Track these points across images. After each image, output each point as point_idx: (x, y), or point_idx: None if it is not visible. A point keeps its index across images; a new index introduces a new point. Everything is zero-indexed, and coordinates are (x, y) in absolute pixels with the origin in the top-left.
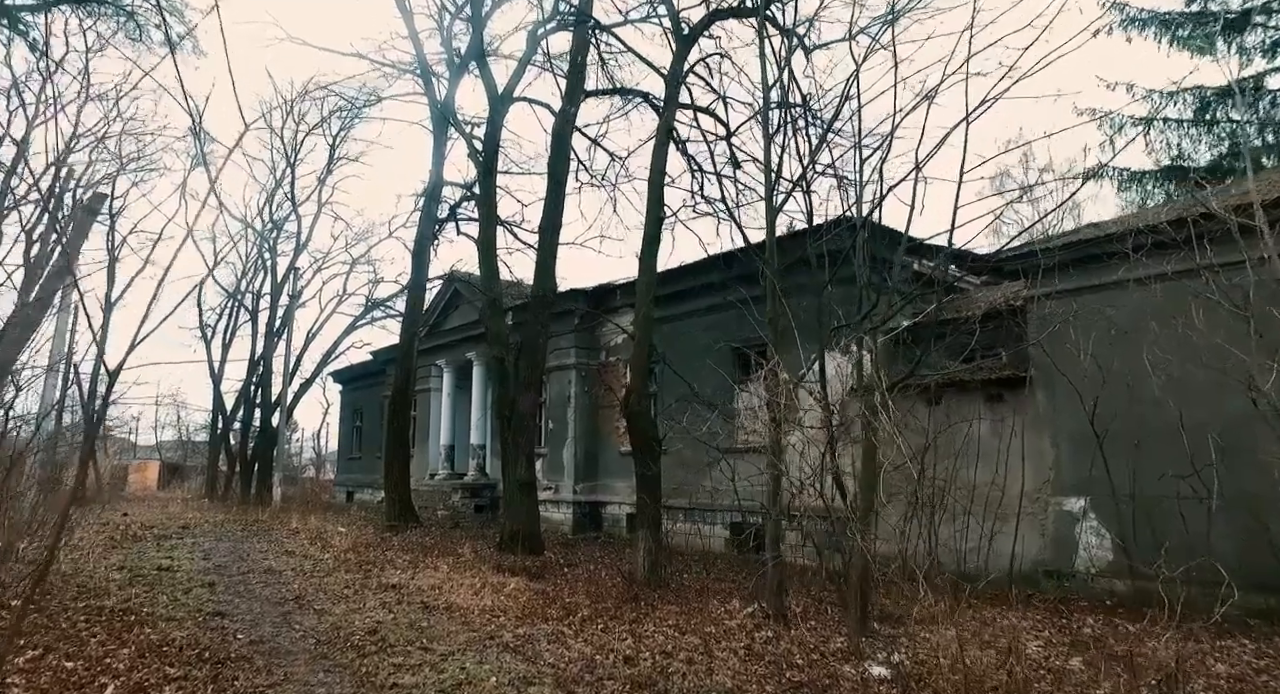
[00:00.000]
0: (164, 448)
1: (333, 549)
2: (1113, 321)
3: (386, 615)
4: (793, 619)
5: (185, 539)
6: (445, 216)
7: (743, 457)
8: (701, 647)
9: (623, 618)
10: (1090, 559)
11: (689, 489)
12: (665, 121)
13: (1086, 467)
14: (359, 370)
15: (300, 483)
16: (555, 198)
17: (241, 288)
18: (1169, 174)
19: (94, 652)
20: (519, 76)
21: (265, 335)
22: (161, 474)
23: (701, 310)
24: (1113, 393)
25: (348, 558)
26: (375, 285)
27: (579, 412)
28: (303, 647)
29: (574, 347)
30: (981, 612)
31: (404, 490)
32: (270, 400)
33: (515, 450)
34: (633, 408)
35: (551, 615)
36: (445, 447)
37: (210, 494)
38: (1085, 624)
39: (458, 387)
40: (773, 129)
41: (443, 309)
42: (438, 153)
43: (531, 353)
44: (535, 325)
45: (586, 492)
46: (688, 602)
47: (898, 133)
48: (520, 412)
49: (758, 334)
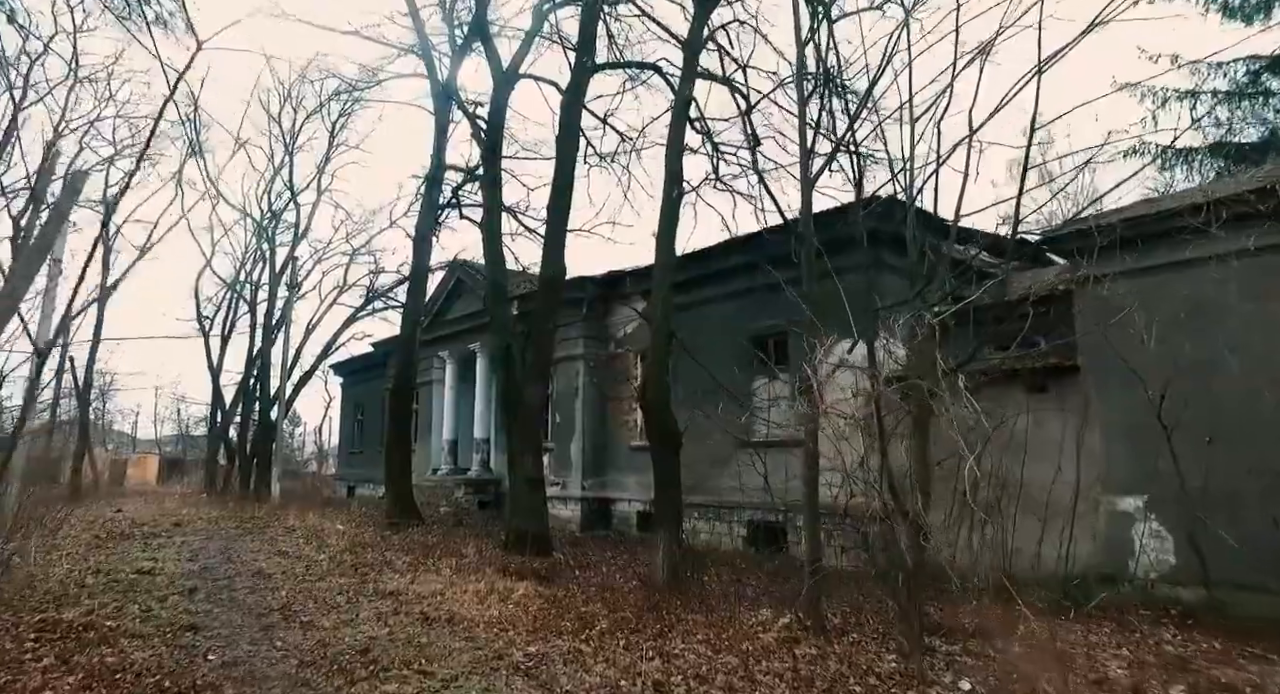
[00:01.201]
0: (165, 442)
1: (329, 549)
2: (1185, 302)
3: (381, 629)
4: (832, 632)
5: (175, 538)
6: (448, 200)
7: (764, 451)
8: (740, 669)
9: (645, 631)
10: (1151, 564)
11: (704, 485)
12: (683, 91)
13: (1145, 462)
14: (360, 363)
15: (303, 478)
16: (564, 176)
17: (240, 279)
18: (1216, 151)
19: (32, 682)
20: (524, 52)
21: (264, 327)
22: (161, 469)
23: (719, 298)
24: (1181, 381)
25: (344, 559)
26: (376, 276)
27: (587, 404)
28: (282, 670)
29: (582, 337)
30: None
31: (405, 487)
32: (269, 394)
33: (522, 444)
34: (650, 398)
35: (566, 628)
36: (448, 441)
37: (209, 489)
38: (1161, 639)
39: (461, 379)
40: (808, 90)
41: (446, 298)
42: (439, 135)
43: (539, 341)
44: (544, 311)
45: (595, 488)
46: (713, 610)
47: (940, 100)
48: (527, 403)
49: (778, 322)
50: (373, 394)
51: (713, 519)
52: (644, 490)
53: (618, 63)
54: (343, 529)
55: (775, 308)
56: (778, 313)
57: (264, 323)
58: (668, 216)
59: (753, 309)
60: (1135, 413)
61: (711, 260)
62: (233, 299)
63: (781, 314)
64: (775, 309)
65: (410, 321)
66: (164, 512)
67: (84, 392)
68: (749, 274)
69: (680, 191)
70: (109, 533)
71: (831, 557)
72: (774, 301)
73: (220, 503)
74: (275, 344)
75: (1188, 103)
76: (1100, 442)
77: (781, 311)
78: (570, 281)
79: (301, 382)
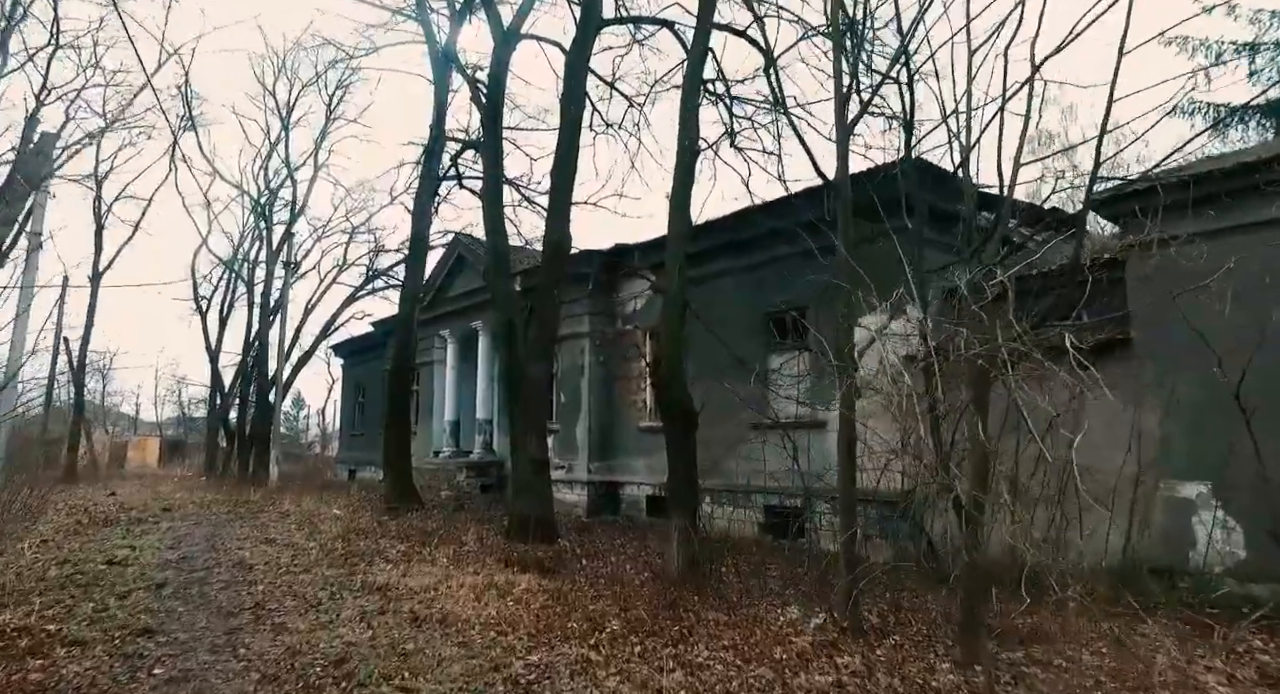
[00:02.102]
0: (167, 424)
1: (320, 536)
2: (1266, 267)
3: (363, 633)
4: (870, 634)
5: (162, 523)
6: (447, 170)
7: (783, 433)
8: (776, 683)
9: (663, 634)
10: (1218, 557)
11: (718, 468)
12: (699, 42)
13: (1210, 446)
14: (360, 343)
15: (305, 461)
16: (569, 138)
17: (238, 258)
18: (1275, 109)
19: None
20: (527, 10)
21: (262, 307)
22: (162, 451)
23: (733, 271)
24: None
25: (334, 547)
26: (377, 254)
27: (594, 384)
28: (239, 688)
29: (588, 313)
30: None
31: (404, 470)
32: (267, 375)
33: (525, 424)
34: (664, 375)
35: (573, 631)
36: (450, 423)
37: (209, 472)
38: (1251, 646)
39: (462, 358)
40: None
41: (446, 275)
42: (439, 102)
43: (544, 313)
44: (548, 280)
45: (602, 471)
46: (736, 608)
47: (1002, 29)
48: (531, 379)
49: (797, 296)
50: (374, 375)
51: (727, 504)
52: (654, 473)
53: (626, 18)
54: (338, 514)
55: (795, 281)
56: (797, 287)
57: (261, 302)
58: (682, 177)
59: (770, 283)
60: (1198, 390)
61: (725, 231)
62: (231, 279)
63: (801, 288)
64: (795, 282)
65: (409, 298)
66: (158, 495)
67: (78, 372)
68: (767, 245)
69: (695, 150)
70: (93, 518)
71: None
72: (793, 275)
73: (218, 486)
74: (273, 325)
75: (1246, 56)
76: (1156, 422)
77: (801, 285)
78: (575, 256)
79: (300, 362)
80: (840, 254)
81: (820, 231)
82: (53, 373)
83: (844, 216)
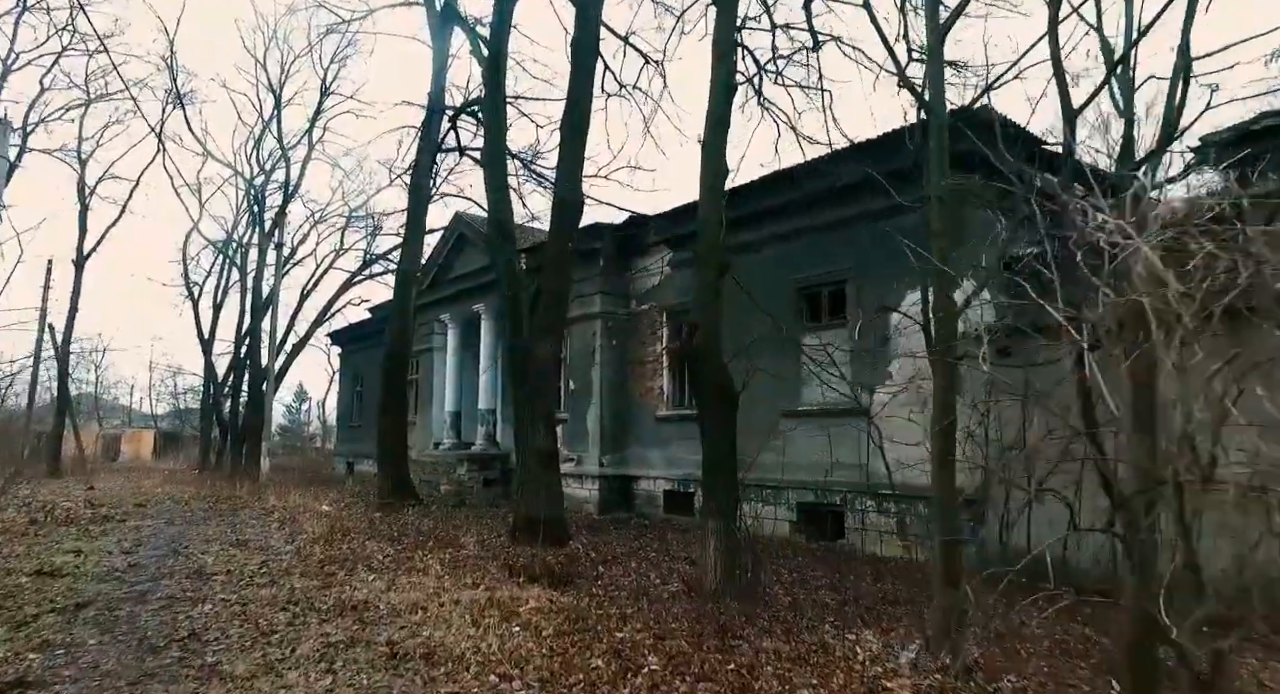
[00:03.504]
0: (163, 417)
1: (303, 536)
2: None
3: (319, 679)
4: (976, 673)
5: (129, 521)
6: (445, 134)
7: (820, 420)
8: None
9: (716, 676)
10: None
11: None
12: None
13: None
14: (358, 330)
15: (306, 453)
16: (581, 87)
17: (231, 241)
18: None
19: None
20: None
21: (254, 291)
22: (157, 444)
23: (761, 243)
24: None
25: (312, 551)
26: (374, 235)
27: (605, 369)
28: None
29: (599, 293)
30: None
31: (400, 463)
32: (260, 364)
33: (532, 413)
34: (701, 349)
35: (599, 674)
36: (450, 413)
37: (202, 465)
38: None
39: (464, 344)
40: None
41: (446, 256)
42: (437, 66)
43: (553, 285)
44: (558, 247)
45: (615, 464)
46: (794, 632)
47: None
48: (539, 359)
49: (833, 269)
50: (372, 363)
51: (755, 500)
52: (672, 467)
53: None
54: (326, 510)
55: (832, 252)
56: (834, 258)
57: (254, 288)
58: (717, 118)
59: (804, 254)
60: None
61: (753, 197)
62: (224, 264)
63: (839, 259)
64: (832, 254)
65: (406, 278)
66: (139, 490)
67: (62, 359)
68: (801, 212)
69: (733, 85)
70: (53, 516)
71: (895, 548)
72: (830, 245)
73: (208, 480)
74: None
75: None
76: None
77: (839, 256)
78: (585, 230)
79: (295, 351)
80: (932, 192)
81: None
82: (37, 361)
83: (938, 145)
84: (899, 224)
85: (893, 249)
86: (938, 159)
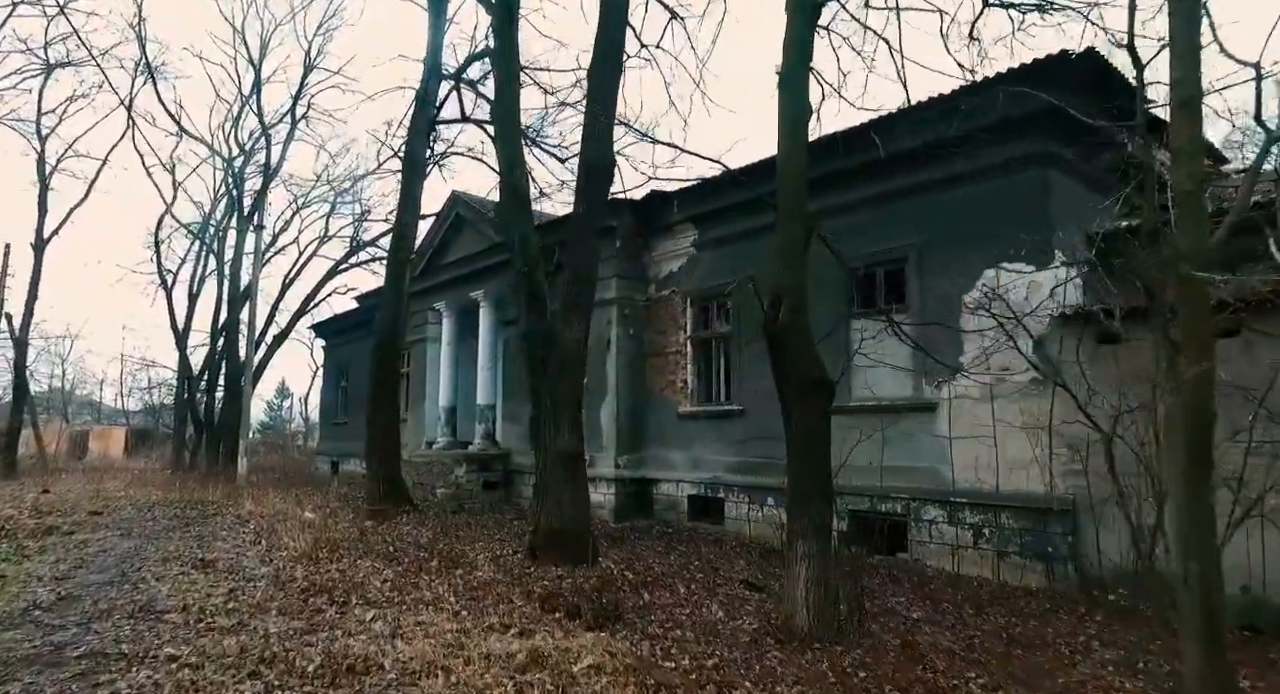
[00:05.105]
0: (135, 413)
1: (282, 554)
2: None
3: None
4: None
5: (77, 534)
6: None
7: (878, 417)
8: None
9: None
10: None
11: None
12: None
13: None
14: (344, 322)
15: (287, 452)
16: (613, 29)
17: (208, 227)
18: None
19: None
20: None
21: (233, 281)
22: (129, 441)
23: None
24: None
25: (294, 574)
26: (361, 223)
27: (622, 361)
28: None
29: (615, 277)
30: None
31: (392, 465)
32: (239, 358)
33: (554, 408)
34: (785, 326)
35: None
36: (445, 409)
37: (176, 465)
38: None
39: (460, 335)
40: None
41: (442, 238)
42: (436, 20)
43: (579, 260)
44: (585, 216)
45: (632, 465)
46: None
47: None
48: (564, 347)
49: (892, 246)
50: (358, 356)
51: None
52: (696, 469)
53: None
54: (310, 517)
55: (892, 227)
56: (895, 234)
57: (232, 275)
58: (797, 45)
59: (858, 230)
60: None
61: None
62: (201, 251)
63: (902, 235)
64: (891, 229)
65: (397, 263)
66: (99, 493)
67: (19, 350)
68: (863, 180)
69: (817, 3)
70: None
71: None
72: (889, 219)
73: (180, 481)
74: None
75: None
76: None
77: (901, 232)
78: None
79: (276, 343)
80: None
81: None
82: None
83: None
84: (971, 193)
85: (965, 221)
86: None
